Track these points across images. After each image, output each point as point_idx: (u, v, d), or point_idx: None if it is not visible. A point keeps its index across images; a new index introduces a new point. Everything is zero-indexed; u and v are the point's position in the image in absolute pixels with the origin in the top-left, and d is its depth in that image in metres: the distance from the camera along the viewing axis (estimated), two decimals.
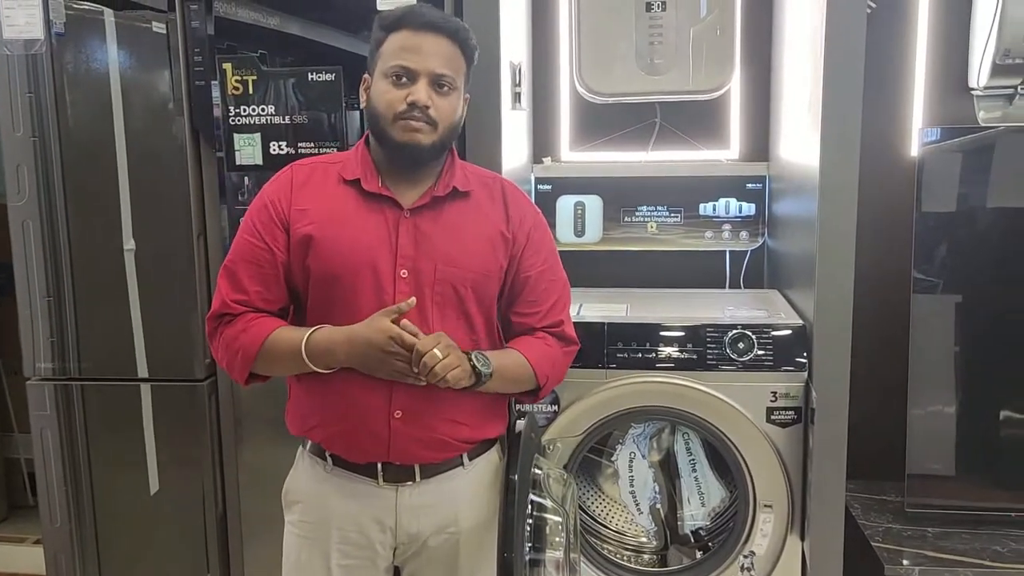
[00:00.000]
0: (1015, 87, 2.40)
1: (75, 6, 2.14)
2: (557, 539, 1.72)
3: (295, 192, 1.58)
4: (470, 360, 1.53)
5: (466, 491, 1.65)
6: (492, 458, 1.70)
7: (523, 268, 1.66)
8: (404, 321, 1.48)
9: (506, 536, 1.56)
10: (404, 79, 1.51)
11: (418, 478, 1.60)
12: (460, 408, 1.60)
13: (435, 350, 1.45)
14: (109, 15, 2.14)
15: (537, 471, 1.75)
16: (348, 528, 1.61)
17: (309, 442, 1.66)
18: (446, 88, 1.54)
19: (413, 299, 1.49)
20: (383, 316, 1.47)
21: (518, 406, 1.99)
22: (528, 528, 1.67)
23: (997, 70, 2.34)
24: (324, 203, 1.57)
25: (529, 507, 1.69)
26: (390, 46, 1.53)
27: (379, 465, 1.59)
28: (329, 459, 1.62)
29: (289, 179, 1.61)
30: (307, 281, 1.57)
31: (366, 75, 1.60)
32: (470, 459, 1.65)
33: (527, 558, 1.66)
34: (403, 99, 1.51)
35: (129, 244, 2.22)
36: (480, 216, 1.63)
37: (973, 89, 2.47)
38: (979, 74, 2.40)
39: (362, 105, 1.60)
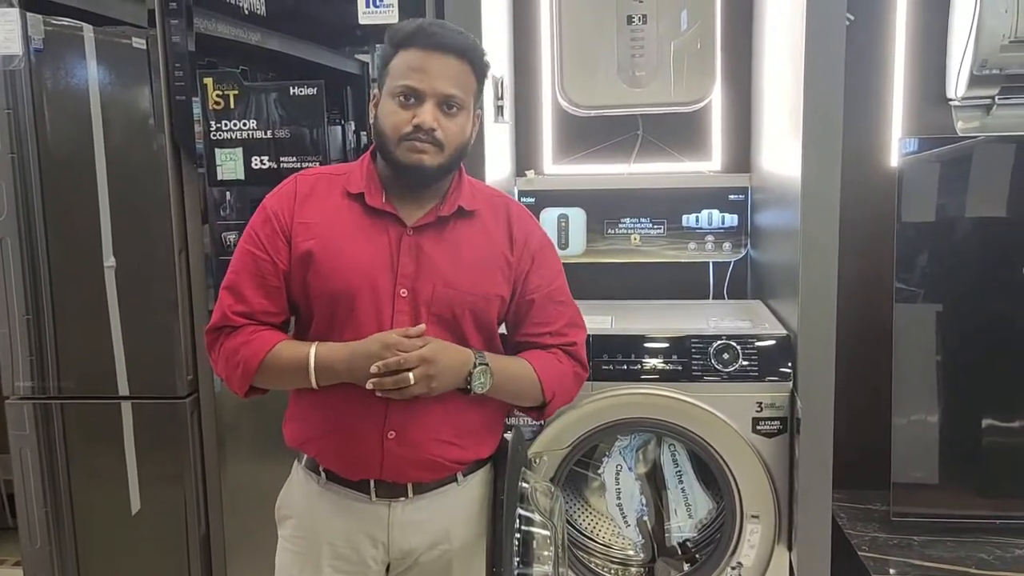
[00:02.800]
0: (992, 97, 2.43)
1: (54, 22, 2.13)
2: (546, 553, 1.71)
3: (298, 204, 1.56)
4: (469, 373, 1.51)
5: (459, 508, 1.63)
6: (486, 475, 1.68)
7: (528, 290, 1.64)
8: (406, 341, 1.45)
9: (495, 551, 1.55)
10: (411, 100, 1.48)
11: (411, 495, 1.59)
12: (455, 429, 1.58)
13: (410, 374, 1.43)
14: (88, 31, 2.13)
15: (524, 485, 1.74)
16: (340, 544, 1.60)
17: (304, 457, 1.64)
18: (454, 109, 1.50)
19: (423, 326, 1.47)
20: (387, 332, 1.46)
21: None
22: (516, 543, 1.66)
23: (974, 81, 2.37)
24: (326, 217, 1.56)
25: (517, 521, 1.68)
26: (398, 64, 1.50)
27: (372, 482, 1.57)
28: (323, 474, 1.60)
29: (292, 190, 1.58)
30: (306, 297, 1.55)
31: (375, 91, 1.57)
32: (464, 476, 1.63)
33: (516, 573, 1.65)
34: (409, 121, 1.48)
35: (109, 261, 2.20)
36: (484, 238, 1.61)
37: (951, 100, 2.50)
38: (957, 85, 2.43)
39: (370, 121, 1.58)
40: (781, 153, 2.22)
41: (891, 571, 2.13)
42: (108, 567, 2.32)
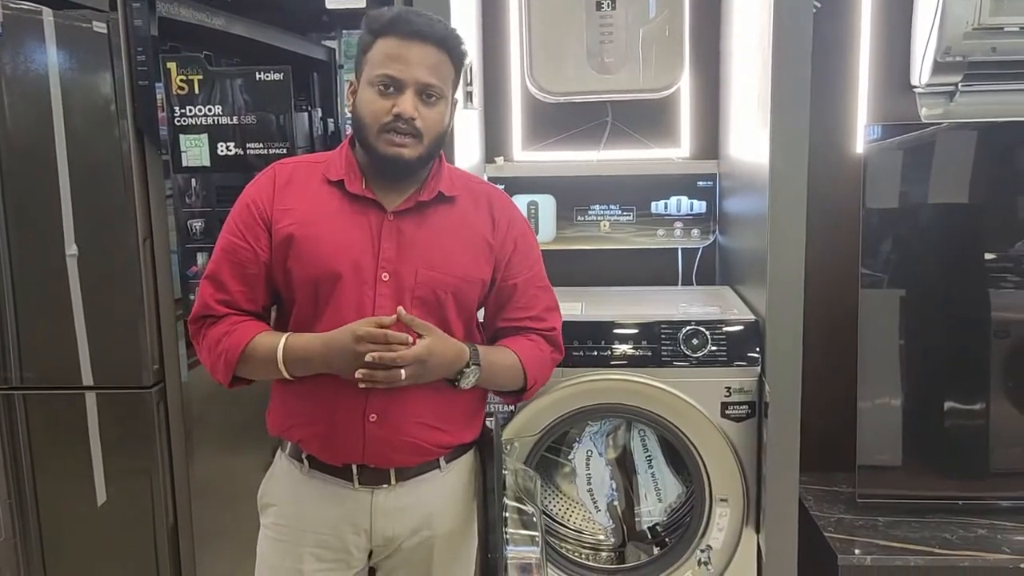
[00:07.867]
0: (955, 84, 2.45)
1: (12, 5, 2.08)
2: (534, 536, 1.71)
3: (278, 192, 1.56)
4: (460, 371, 1.53)
5: (442, 494, 1.64)
6: (469, 461, 1.69)
7: (510, 275, 1.65)
8: (389, 332, 1.44)
9: (489, 537, 1.56)
10: (391, 88, 1.48)
11: (393, 481, 1.59)
12: (436, 413, 1.58)
13: (401, 370, 1.44)
14: (48, 14, 2.08)
15: (504, 471, 1.75)
16: (323, 531, 1.60)
17: (288, 445, 1.64)
18: (433, 98, 1.50)
19: (401, 309, 1.46)
20: (360, 321, 1.46)
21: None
22: (505, 528, 1.67)
23: (938, 68, 2.39)
24: (307, 203, 1.56)
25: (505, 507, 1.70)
26: (376, 53, 1.49)
27: (354, 467, 1.57)
28: (306, 461, 1.60)
29: (271, 179, 1.58)
30: (289, 283, 1.55)
31: (352, 79, 1.57)
32: (447, 462, 1.64)
33: (508, 557, 1.67)
34: (388, 110, 1.48)
35: (72, 249, 2.16)
36: (465, 222, 1.61)
37: (915, 87, 2.52)
38: (921, 72, 2.45)
39: (348, 110, 1.58)
40: (749, 140, 2.23)
41: (856, 551, 2.16)
42: (74, 559, 2.29)
